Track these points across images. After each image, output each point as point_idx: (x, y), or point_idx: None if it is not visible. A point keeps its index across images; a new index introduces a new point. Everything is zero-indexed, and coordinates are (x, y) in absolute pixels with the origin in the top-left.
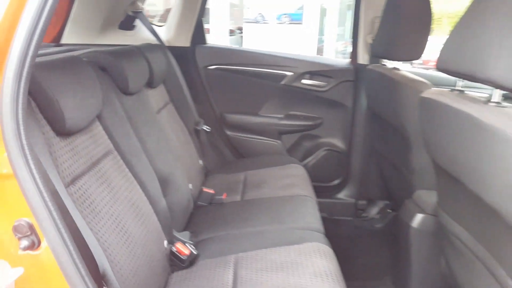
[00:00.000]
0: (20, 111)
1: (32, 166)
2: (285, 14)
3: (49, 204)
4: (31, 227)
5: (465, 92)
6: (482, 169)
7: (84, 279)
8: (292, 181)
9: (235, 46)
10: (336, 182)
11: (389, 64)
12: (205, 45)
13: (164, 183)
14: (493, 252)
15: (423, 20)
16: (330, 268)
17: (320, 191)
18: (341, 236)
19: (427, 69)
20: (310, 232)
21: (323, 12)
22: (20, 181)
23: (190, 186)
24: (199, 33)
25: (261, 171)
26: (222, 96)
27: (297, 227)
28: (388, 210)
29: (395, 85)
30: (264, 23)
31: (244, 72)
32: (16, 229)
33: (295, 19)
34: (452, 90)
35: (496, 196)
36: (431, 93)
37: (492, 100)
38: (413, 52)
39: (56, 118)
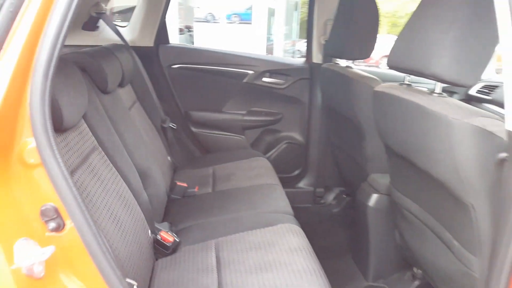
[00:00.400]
0: (47, 107)
1: (58, 156)
2: (235, 14)
3: (73, 189)
4: (56, 211)
5: (412, 85)
6: (429, 149)
7: (106, 256)
8: (259, 172)
9: (197, 46)
10: (296, 172)
11: (341, 62)
12: (168, 44)
13: (143, 177)
14: (439, 219)
15: (371, 23)
16: (303, 244)
17: (282, 182)
18: (302, 222)
19: (369, 66)
20: (282, 214)
21: (271, 12)
22: (49, 169)
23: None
24: (162, 33)
25: (228, 164)
26: (187, 94)
27: (269, 211)
28: (343, 196)
29: (349, 81)
30: (215, 22)
31: (207, 70)
32: (43, 213)
33: (245, 18)
34: (401, 84)
35: (442, 170)
36: (384, 87)
37: (435, 91)
38: (363, 52)
39: (55, 114)
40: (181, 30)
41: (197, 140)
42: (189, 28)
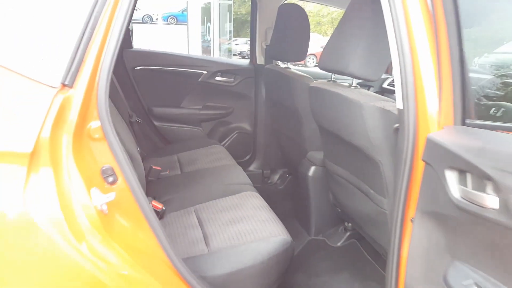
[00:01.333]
0: (107, 97)
1: (114, 132)
2: (171, 16)
3: (125, 155)
4: (112, 170)
5: (337, 81)
6: (349, 124)
7: (146, 201)
8: (218, 156)
9: (158, 50)
10: (247, 157)
11: (281, 64)
12: (131, 49)
13: (132, 159)
14: (359, 176)
15: (303, 31)
16: (263, 204)
17: None
18: None
19: (297, 64)
20: (244, 185)
21: (206, 13)
22: (110, 141)
23: None
24: (126, 39)
25: (190, 152)
26: (149, 92)
27: (233, 183)
28: (286, 175)
29: (289, 79)
30: (152, 23)
31: (167, 71)
32: (103, 171)
33: (181, 20)
34: (329, 80)
35: (359, 139)
36: (317, 83)
37: (352, 85)
38: (298, 55)
39: None
40: None
41: (159, 133)
42: None
